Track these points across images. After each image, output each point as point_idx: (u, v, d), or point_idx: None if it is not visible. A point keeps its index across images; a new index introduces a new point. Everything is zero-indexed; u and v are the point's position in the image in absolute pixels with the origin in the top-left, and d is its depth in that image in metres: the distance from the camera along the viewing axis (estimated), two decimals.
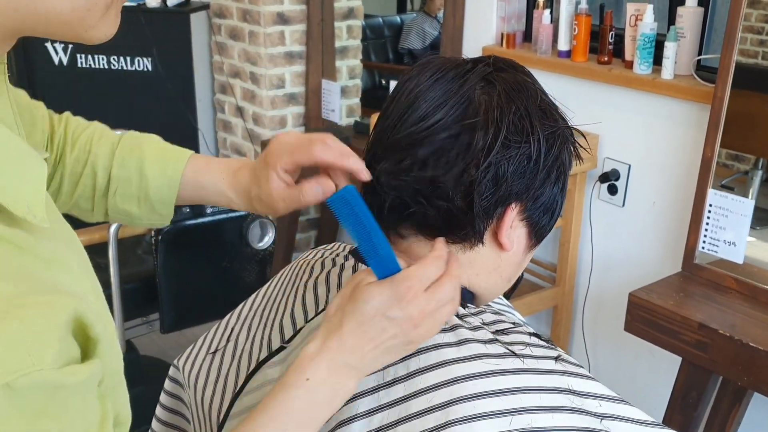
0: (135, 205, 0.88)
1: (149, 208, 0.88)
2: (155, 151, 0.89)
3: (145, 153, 0.88)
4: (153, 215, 0.90)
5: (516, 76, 0.78)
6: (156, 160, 0.88)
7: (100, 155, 0.88)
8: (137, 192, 0.88)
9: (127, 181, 0.87)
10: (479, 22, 2.52)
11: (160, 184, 0.87)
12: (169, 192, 0.87)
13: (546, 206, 0.79)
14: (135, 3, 3.27)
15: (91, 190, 0.89)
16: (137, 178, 0.87)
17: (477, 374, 0.70)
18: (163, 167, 0.87)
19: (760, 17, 1.85)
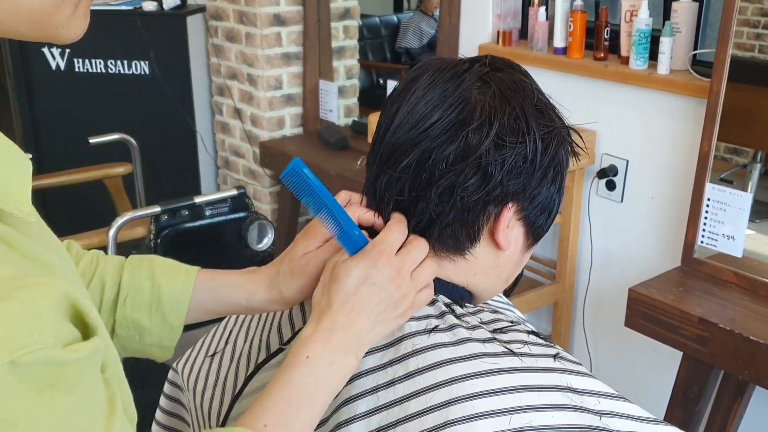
0: (146, 314, 0.84)
1: (161, 317, 0.85)
2: (164, 261, 0.87)
3: (155, 262, 0.86)
4: (164, 327, 0.85)
5: (513, 76, 0.79)
6: (167, 267, 0.86)
7: (108, 268, 0.86)
8: (149, 299, 0.84)
9: (138, 288, 0.84)
10: (475, 21, 2.53)
11: (173, 289, 0.84)
12: (182, 297, 0.84)
13: (543, 206, 0.79)
14: (131, 7, 3.27)
15: (98, 305, 0.84)
16: (149, 285, 0.84)
17: (475, 374, 0.70)
18: (175, 273, 0.85)
19: (756, 11, 1.85)
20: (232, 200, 2.19)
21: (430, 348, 0.72)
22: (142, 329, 0.84)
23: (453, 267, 0.79)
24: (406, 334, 0.73)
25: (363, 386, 0.72)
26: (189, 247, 2.17)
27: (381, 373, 0.72)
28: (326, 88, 3.04)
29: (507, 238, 0.78)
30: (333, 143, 2.84)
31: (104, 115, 3.32)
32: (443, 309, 0.76)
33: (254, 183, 3.26)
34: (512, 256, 0.81)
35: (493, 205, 0.76)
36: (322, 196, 0.73)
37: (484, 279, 0.81)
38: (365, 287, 0.70)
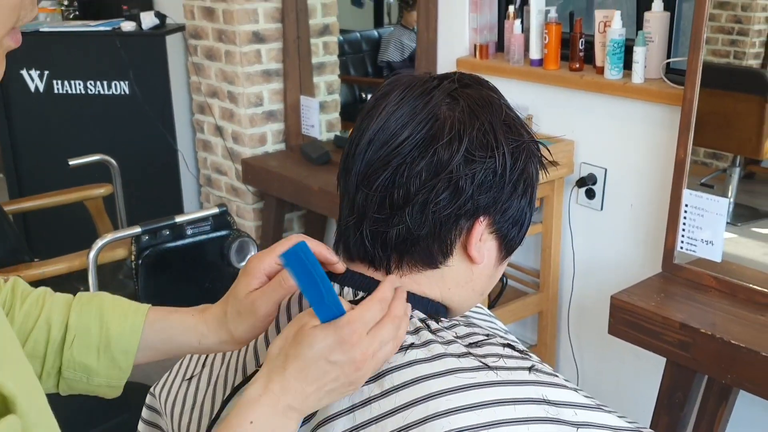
0: (94, 357, 0.82)
1: (109, 359, 0.83)
2: (113, 300, 0.86)
3: (104, 301, 0.85)
4: (112, 369, 0.83)
5: (481, 92, 0.80)
6: (116, 307, 0.84)
7: (55, 307, 0.83)
8: (97, 341, 0.82)
9: (86, 329, 0.82)
10: (452, 35, 2.54)
11: (122, 331, 0.83)
12: (131, 338, 0.83)
13: (514, 219, 0.80)
14: (110, 27, 3.27)
15: (44, 346, 0.82)
16: (97, 326, 0.82)
17: (451, 389, 0.70)
18: (123, 313, 0.84)
19: (731, 17, 1.88)
20: (213, 218, 2.19)
21: (406, 365, 0.72)
22: (90, 371, 0.83)
23: (427, 281, 0.80)
24: None
25: (339, 406, 0.72)
26: (171, 266, 2.16)
27: (357, 392, 0.72)
28: (307, 103, 3.05)
29: (480, 252, 0.79)
30: (315, 158, 2.84)
31: (84, 136, 3.31)
32: (418, 324, 0.77)
33: (237, 200, 3.26)
34: (486, 269, 0.82)
35: (465, 219, 0.77)
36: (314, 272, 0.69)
37: (458, 292, 0.81)
38: (325, 363, 0.68)
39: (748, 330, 1.67)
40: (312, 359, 0.68)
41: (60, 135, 3.32)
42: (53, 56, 3.28)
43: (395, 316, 0.71)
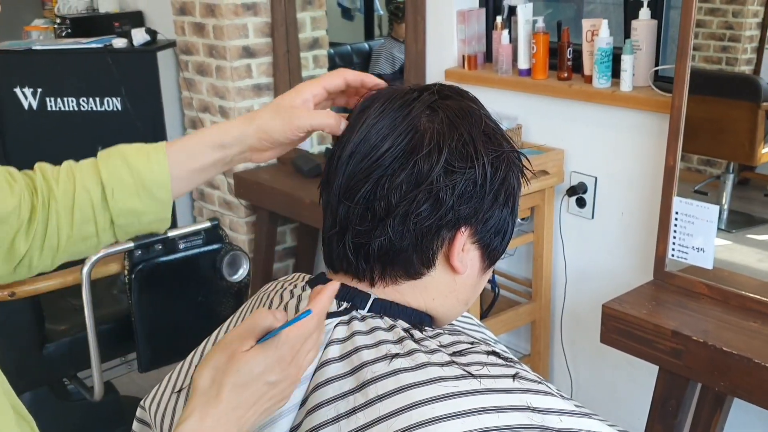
0: (137, 199, 0.90)
1: (149, 196, 0.90)
2: (132, 147, 0.92)
3: (125, 151, 0.91)
4: (155, 204, 0.91)
5: (461, 103, 0.80)
6: (137, 152, 0.91)
7: (86, 172, 0.90)
8: (133, 184, 0.89)
9: (119, 179, 0.89)
10: (441, 46, 2.56)
11: (151, 170, 0.89)
12: (162, 176, 0.90)
13: (496, 228, 0.81)
14: (102, 44, 3.28)
15: (90, 207, 0.90)
16: (128, 172, 0.89)
17: (435, 398, 0.70)
18: (146, 154, 0.90)
19: (721, 24, 1.89)
20: (205, 232, 2.18)
21: (390, 374, 0.72)
22: (138, 213, 0.90)
23: (411, 291, 0.80)
24: (366, 362, 0.74)
25: (324, 416, 0.72)
26: (164, 281, 2.16)
27: (342, 402, 0.72)
28: None
29: (463, 262, 0.79)
30: (307, 171, 2.85)
31: (77, 152, 3.26)
32: (402, 334, 0.77)
33: (230, 214, 3.26)
34: (469, 279, 0.82)
35: (447, 230, 0.77)
36: None
37: (442, 302, 0.82)
38: (264, 384, 0.68)
39: (740, 337, 1.67)
40: (250, 383, 0.67)
41: (54, 151, 3.29)
42: (46, 74, 3.29)
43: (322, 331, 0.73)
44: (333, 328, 0.78)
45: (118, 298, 2.39)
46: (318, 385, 0.74)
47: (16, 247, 0.87)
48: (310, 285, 0.85)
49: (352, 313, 0.79)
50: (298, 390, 0.75)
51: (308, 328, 0.69)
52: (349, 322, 0.78)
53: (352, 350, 0.75)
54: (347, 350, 0.75)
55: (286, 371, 0.68)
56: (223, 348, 0.68)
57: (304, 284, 0.87)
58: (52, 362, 2.18)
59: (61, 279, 2.08)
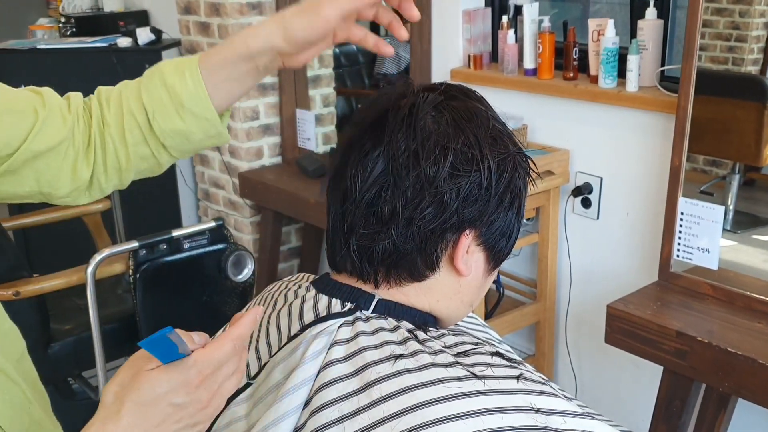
0: (178, 119, 0.90)
1: (191, 115, 0.90)
2: (170, 64, 0.92)
3: (163, 70, 0.91)
4: (200, 122, 0.91)
5: (467, 104, 0.80)
6: (174, 70, 0.90)
7: (132, 95, 0.91)
8: (172, 104, 0.90)
9: (159, 100, 0.90)
10: (446, 46, 2.55)
11: (187, 88, 0.89)
12: (199, 92, 0.89)
13: (502, 231, 0.80)
14: (106, 44, 3.29)
15: (139, 130, 0.91)
16: (165, 93, 0.90)
17: (439, 399, 0.70)
18: (181, 72, 0.90)
19: (728, 24, 1.88)
20: (210, 232, 2.19)
21: (394, 375, 0.72)
22: (184, 132, 0.91)
23: (415, 293, 0.80)
24: (370, 363, 0.74)
25: (328, 417, 0.72)
26: (168, 280, 2.16)
27: (346, 402, 0.72)
28: (303, 117, 3.06)
29: (467, 264, 0.79)
30: (311, 171, 2.85)
31: None
32: (406, 335, 0.77)
33: (235, 214, 3.26)
34: (474, 281, 0.82)
35: (451, 233, 0.77)
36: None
37: (446, 304, 0.81)
38: (167, 406, 0.65)
39: (745, 337, 1.67)
40: (152, 402, 0.64)
41: None
42: (51, 73, 3.29)
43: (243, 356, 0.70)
44: (337, 329, 0.77)
45: (122, 297, 2.40)
46: (322, 385, 0.74)
47: (79, 172, 0.92)
48: (314, 286, 0.85)
49: (357, 313, 0.79)
50: (301, 391, 0.75)
51: (221, 353, 0.67)
52: (353, 323, 0.78)
53: (356, 351, 0.75)
54: (351, 351, 0.75)
55: (194, 395, 0.65)
56: (130, 365, 0.66)
57: (309, 285, 0.87)
58: (57, 362, 2.19)
59: (67, 278, 2.09)
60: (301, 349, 0.77)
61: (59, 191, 0.92)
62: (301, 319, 0.81)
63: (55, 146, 0.89)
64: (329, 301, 0.81)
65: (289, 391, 0.75)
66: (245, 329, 0.69)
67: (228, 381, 0.68)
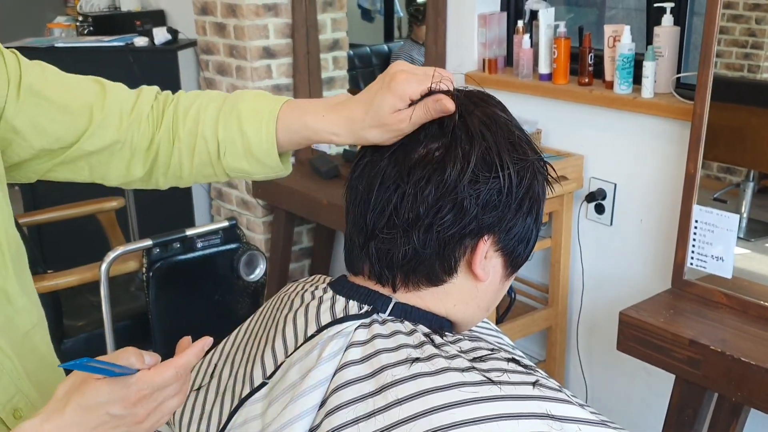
0: (245, 162, 0.95)
1: (257, 162, 0.94)
2: (250, 109, 0.94)
3: (242, 112, 0.94)
4: (263, 167, 0.95)
5: (486, 110, 0.80)
6: (252, 118, 0.93)
7: (208, 122, 0.95)
8: (243, 150, 0.94)
9: (232, 140, 0.94)
10: (461, 49, 2.56)
11: (260, 139, 0.92)
12: (269, 145, 0.92)
13: (520, 237, 0.80)
14: (123, 43, 3.31)
15: (207, 156, 0.96)
16: (239, 138, 0.93)
17: (454, 403, 0.70)
18: (258, 123, 0.93)
19: (744, 31, 1.87)
20: (223, 232, 2.20)
21: (410, 378, 0.73)
22: (247, 172, 0.96)
23: (432, 297, 0.80)
24: (386, 365, 0.74)
25: (344, 418, 0.72)
26: (181, 279, 2.17)
27: (361, 404, 0.72)
28: None
29: (485, 269, 0.79)
30: (324, 172, 2.85)
31: None
32: (422, 339, 0.77)
33: (247, 213, 3.27)
34: (491, 286, 0.82)
35: (470, 238, 0.77)
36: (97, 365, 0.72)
37: (463, 309, 0.82)
38: (105, 414, 0.71)
39: (758, 347, 1.66)
40: (92, 408, 0.71)
41: None
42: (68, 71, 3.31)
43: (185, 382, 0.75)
44: (354, 331, 0.78)
45: (135, 295, 2.41)
46: (338, 386, 0.74)
47: (132, 170, 0.98)
48: (331, 287, 0.85)
49: (373, 316, 0.79)
50: (317, 391, 0.75)
51: (161, 378, 0.72)
52: (369, 325, 0.78)
53: (373, 353, 0.75)
54: (368, 353, 0.76)
55: (130, 410, 0.72)
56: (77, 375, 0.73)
57: (326, 286, 0.87)
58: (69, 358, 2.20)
59: (81, 275, 2.10)
60: (318, 350, 0.77)
61: (111, 182, 1.00)
62: (317, 320, 0.81)
63: (107, 147, 0.95)
64: (346, 302, 0.81)
65: (304, 391, 0.75)
66: (190, 359, 0.74)
67: (169, 401, 0.74)
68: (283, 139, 0.92)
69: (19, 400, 0.91)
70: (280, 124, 0.92)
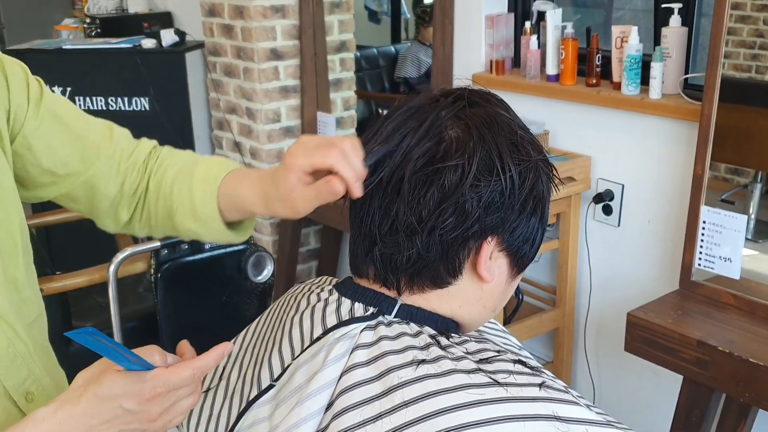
0: (193, 223, 0.98)
1: (204, 224, 0.98)
2: (203, 172, 0.99)
3: (195, 175, 0.98)
4: (212, 231, 0.99)
5: (488, 110, 0.79)
6: (201, 181, 0.98)
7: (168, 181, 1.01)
8: (190, 211, 0.98)
9: (182, 202, 0.99)
10: (468, 50, 2.56)
11: (203, 203, 0.97)
12: (211, 208, 0.96)
13: (525, 237, 0.80)
14: (131, 45, 3.32)
15: (165, 212, 1.01)
16: (188, 199, 0.98)
17: (461, 405, 0.70)
18: (204, 187, 0.97)
19: (752, 32, 1.87)
20: None
21: (416, 380, 0.73)
22: (197, 233, 1.00)
23: (437, 299, 0.80)
24: (393, 367, 0.74)
25: (351, 420, 0.73)
26: (189, 280, 2.18)
27: (368, 407, 0.73)
28: (324, 119, 3.07)
29: (490, 270, 0.79)
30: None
31: None
32: (428, 341, 0.77)
33: None
34: (497, 287, 0.82)
35: (473, 240, 0.77)
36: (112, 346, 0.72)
37: (469, 310, 0.82)
38: (119, 408, 0.73)
39: (766, 348, 1.65)
40: (107, 399, 0.72)
41: None
42: (75, 73, 3.33)
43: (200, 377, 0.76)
44: (360, 333, 0.78)
45: (143, 296, 2.42)
46: (345, 389, 0.74)
47: (119, 214, 1.04)
48: (337, 289, 0.86)
49: (379, 318, 0.80)
50: (324, 394, 0.75)
51: (177, 378, 0.74)
52: (375, 327, 0.78)
53: (379, 355, 0.75)
54: (374, 355, 0.76)
55: (143, 406, 0.73)
56: (103, 361, 0.75)
57: (332, 288, 0.87)
58: (77, 359, 2.20)
59: (89, 276, 2.11)
60: (324, 352, 0.77)
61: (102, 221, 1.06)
62: (323, 323, 0.81)
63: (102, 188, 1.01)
64: (352, 305, 0.81)
65: (311, 393, 0.75)
66: (209, 362, 0.76)
67: (183, 401, 0.76)
68: (224, 204, 0.96)
69: (31, 383, 0.93)
70: (223, 190, 0.96)
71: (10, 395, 0.89)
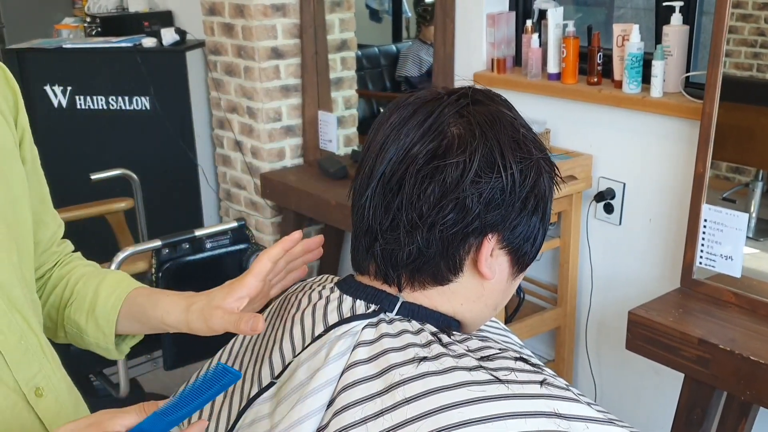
0: (84, 318, 0.99)
1: (94, 322, 0.98)
2: (115, 278, 1.01)
3: (106, 277, 1.01)
4: (98, 331, 0.98)
5: (490, 108, 0.79)
6: (115, 281, 1.00)
7: (74, 274, 1.02)
8: (87, 306, 0.99)
9: (83, 296, 1.00)
10: (469, 49, 2.55)
11: (107, 302, 0.98)
12: (111, 310, 0.97)
13: (525, 235, 0.80)
14: (131, 44, 3.32)
15: (57, 301, 1.01)
16: (92, 294, 0.99)
17: (462, 402, 0.70)
18: (113, 288, 0.99)
19: (753, 30, 1.87)
20: (232, 232, 2.20)
21: (417, 378, 0.73)
22: (81, 329, 0.99)
23: (439, 296, 0.80)
24: (394, 365, 0.74)
25: (352, 418, 0.73)
26: (190, 279, 2.17)
27: (369, 403, 0.73)
28: (325, 118, 3.07)
29: (491, 268, 0.79)
30: (333, 173, 2.86)
31: (106, 151, 3.36)
32: (429, 338, 0.77)
33: (256, 214, 3.28)
34: (498, 285, 0.82)
35: (474, 237, 0.77)
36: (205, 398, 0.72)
37: (470, 308, 0.82)
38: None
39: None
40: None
41: (82, 150, 3.37)
42: (76, 72, 3.34)
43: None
44: (361, 330, 0.78)
45: None
46: (346, 386, 0.74)
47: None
48: (338, 287, 0.86)
49: (381, 315, 0.79)
50: (325, 391, 0.75)
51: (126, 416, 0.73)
52: (377, 325, 0.78)
53: (381, 352, 0.75)
54: (375, 352, 0.76)
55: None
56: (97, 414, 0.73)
57: (333, 285, 0.87)
58: (78, 358, 2.20)
59: None
60: (325, 349, 0.77)
61: None
62: (325, 320, 0.81)
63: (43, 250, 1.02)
64: (353, 302, 0.81)
65: (312, 391, 0.75)
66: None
67: None
68: (126, 310, 0.97)
69: (41, 378, 0.92)
70: (132, 294, 0.98)
71: (20, 388, 0.89)
